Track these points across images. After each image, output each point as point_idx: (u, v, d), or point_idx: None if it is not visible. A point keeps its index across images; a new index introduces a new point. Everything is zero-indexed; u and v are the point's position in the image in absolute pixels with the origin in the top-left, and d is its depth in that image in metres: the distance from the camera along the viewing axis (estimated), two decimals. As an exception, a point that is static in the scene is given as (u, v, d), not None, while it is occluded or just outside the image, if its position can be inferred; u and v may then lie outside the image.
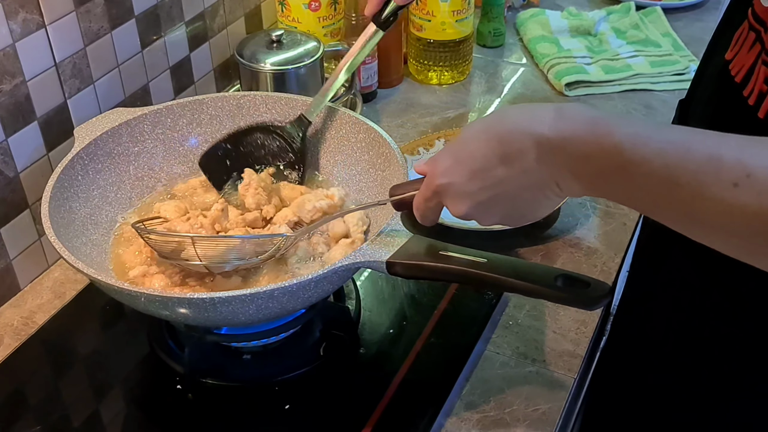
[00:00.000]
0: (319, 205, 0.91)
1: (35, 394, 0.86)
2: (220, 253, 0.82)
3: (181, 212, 0.92)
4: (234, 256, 0.82)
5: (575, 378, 0.88)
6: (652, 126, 0.60)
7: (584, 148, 0.61)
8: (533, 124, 0.63)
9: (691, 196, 0.57)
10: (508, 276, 0.71)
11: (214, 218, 0.87)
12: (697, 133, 0.58)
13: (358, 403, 0.83)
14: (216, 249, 0.82)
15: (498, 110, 0.67)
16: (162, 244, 0.83)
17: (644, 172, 0.58)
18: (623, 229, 1.08)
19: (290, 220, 0.90)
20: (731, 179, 0.55)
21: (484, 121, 0.67)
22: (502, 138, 0.64)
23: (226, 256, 0.82)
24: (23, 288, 0.99)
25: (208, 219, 0.87)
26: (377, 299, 0.95)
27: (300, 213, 0.91)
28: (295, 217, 0.91)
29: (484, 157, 0.65)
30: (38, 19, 0.92)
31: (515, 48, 1.52)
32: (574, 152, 0.61)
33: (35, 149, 0.96)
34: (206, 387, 0.85)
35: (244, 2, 1.30)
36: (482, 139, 0.65)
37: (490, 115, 0.67)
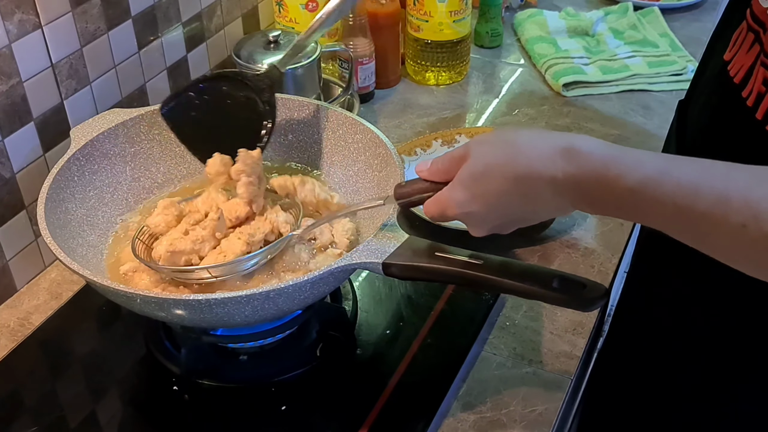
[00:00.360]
0: (318, 191, 0.90)
1: (32, 395, 0.86)
2: (232, 268, 0.82)
3: (171, 223, 0.88)
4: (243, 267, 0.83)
5: (572, 379, 0.88)
6: (662, 163, 0.63)
7: (596, 192, 0.65)
8: (546, 167, 0.66)
9: (701, 233, 0.61)
10: (505, 277, 0.71)
11: (213, 228, 0.85)
12: (706, 170, 0.61)
13: (354, 404, 0.83)
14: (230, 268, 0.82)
15: (508, 142, 0.69)
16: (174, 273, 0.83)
17: (656, 212, 0.62)
18: (620, 230, 1.08)
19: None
20: (739, 221, 0.58)
21: (496, 156, 0.69)
22: (518, 179, 0.67)
23: (237, 269, 0.82)
24: (19, 289, 0.99)
25: (207, 231, 0.85)
26: (374, 300, 0.95)
27: (301, 192, 0.90)
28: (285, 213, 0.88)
29: (500, 194, 0.68)
30: (34, 20, 0.92)
31: (513, 48, 1.52)
32: (587, 193, 0.65)
33: (31, 150, 0.96)
34: (203, 388, 0.85)
35: (241, 3, 1.30)
36: (497, 178, 0.68)
37: (501, 147, 0.69)
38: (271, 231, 0.86)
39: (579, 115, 1.32)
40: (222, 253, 0.83)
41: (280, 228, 0.86)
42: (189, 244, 0.83)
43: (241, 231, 0.85)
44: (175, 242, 0.84)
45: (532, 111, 1.33)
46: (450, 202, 0.71)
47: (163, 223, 0.88)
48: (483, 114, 1.33)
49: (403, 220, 1.03)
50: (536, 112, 1.33)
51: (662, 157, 0.66)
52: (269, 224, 0.86)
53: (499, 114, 1.32)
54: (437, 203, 0.72)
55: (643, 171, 0.62)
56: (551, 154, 0.66)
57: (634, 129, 1.27)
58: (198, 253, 0.84)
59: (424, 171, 0.74)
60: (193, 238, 0.84)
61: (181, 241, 0.84)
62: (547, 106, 1.34)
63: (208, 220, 0.86)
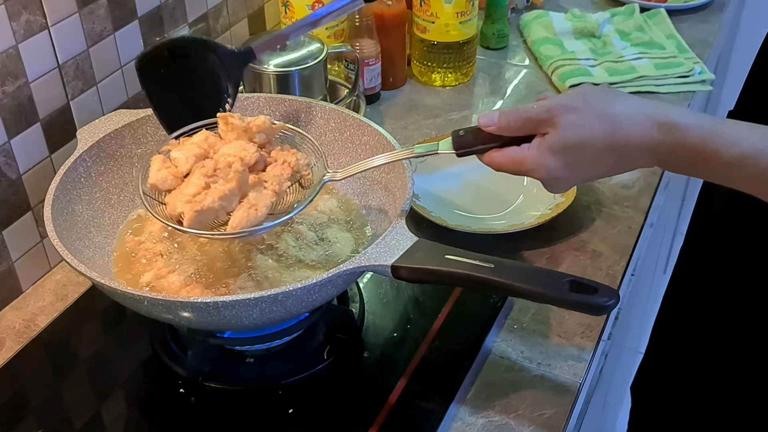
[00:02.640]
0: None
1: (37, 397, 0.86)
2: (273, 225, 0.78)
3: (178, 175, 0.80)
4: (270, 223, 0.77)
5: (581, 382, 0.87)
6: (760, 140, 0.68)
7: (690, 164, 0.71)
8: (643, 139, 0.70)
9: None
10: (515, 281, 0.70)
11: (238, 180, 0.77)
12: None
13: (362, 407, 0.82)
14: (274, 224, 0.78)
15: (602, 114, 0.72)
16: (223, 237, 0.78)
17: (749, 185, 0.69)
18: (628, 233, 1.07)
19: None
20: None
21: (592, 128, 0.72)
22: (614, 150, 0.71)
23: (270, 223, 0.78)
24: (25, 290, 0.99)
25: (233, 183, 0.76)
26: (381, 302, 0.94)
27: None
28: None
29: (595, 164, 0.73)
30: (41, 21, 0.91)
31: (519, 50, 1.52)
32: (681, 164, 0.71)
33: (38, 151, 0.96)
34: (209, 390, 0.84)
35: (247, 3, 1.29)
36: (593, 149, 0.72)
37: (595, 119, 0.72)
38: (292, 175, 0.81)
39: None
40: (252, 206, 0.76)
41: (301, 171, 0.81)
42: (217, 202, 0.75)
43: (265, 179, 0.80)
44: (198, 200, 0.76)
45: (539, 113, 1.32)
46: (538, 166, 0.73)
47: (170, 177, 0.79)
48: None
49: (410, 223, 1.03)
50: (543, 114, 1.32)
51: (759, 133, 0.69)
52: (289, 168, 0.81)
53: (506, 115, 1.32)
54: (514, 161, 0.74)
55: (740, 148, 0.67)
56: (648, 126, 0.70)
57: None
58: (226, 210, 0.77)
59: (491, 126, 0.75)
60: (219, 194, 0.76)
61: (207, 197, 0.76)
62: (553, 108, 1.34)
63: (232, 172, 0.77)
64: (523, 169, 0.75)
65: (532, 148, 0.74)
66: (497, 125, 0.75)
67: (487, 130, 0.75)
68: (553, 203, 1.07)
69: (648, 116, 0.71)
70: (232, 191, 0.76)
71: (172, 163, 0.81)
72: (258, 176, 0.80)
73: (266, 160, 0.82)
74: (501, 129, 0.75)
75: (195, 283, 0.84)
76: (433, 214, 1.05)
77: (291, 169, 0.81)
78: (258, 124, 0.81)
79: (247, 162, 0.78)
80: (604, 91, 0.75)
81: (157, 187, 0.79)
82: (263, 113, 0.99)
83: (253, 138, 0.82)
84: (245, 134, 0.82)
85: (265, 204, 0.77)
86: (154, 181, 0.79)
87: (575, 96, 0.75)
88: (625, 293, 1.15)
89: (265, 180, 0.79)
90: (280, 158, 0.82)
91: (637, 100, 0.74)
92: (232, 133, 0.82)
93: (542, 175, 0.74)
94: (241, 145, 0.80)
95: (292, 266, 0.86)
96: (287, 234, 0.90)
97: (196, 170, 0.79)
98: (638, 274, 1.31)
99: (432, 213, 1.06)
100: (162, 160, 0.81)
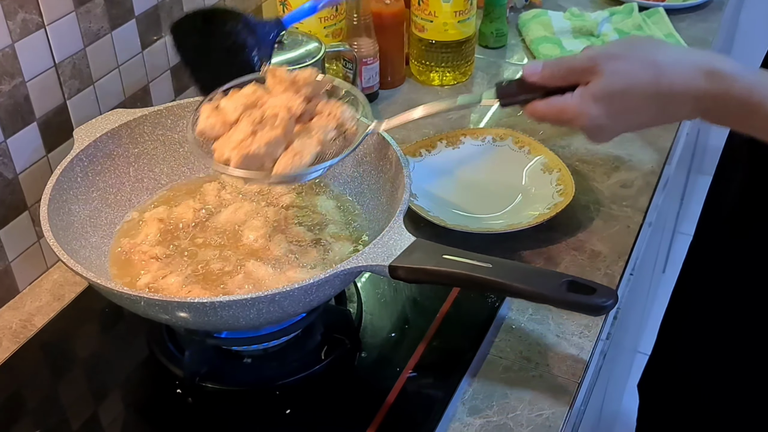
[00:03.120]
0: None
1: (34, 398, 0.86)
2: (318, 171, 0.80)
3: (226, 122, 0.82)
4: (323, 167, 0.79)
5: (579, 383, 0.87)
6: None
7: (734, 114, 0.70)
8: (688, 87, 0.70)
9: None
10: (513, 281, 0.70)
11: (284, 128, 0.79)
12: None
13: (359, 408, 0.82)
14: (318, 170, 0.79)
15: (648, 61, 0.71)
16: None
17: None
18: (627, 232, 1.07)
19: None
20: None
21: (637, 75, 0.71)
22: (659, 97, 0.70)
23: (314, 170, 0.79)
24: (22, 290, 0.98)
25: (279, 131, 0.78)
26: (379, 302, 0.94)
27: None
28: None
29: (638, 112, 0.72)
30: (37, 20, 0.91)
31: (517, 49, 1.51)
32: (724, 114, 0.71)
33: (34, 150, 0.95)
34: (206, 391, 0.84)
35: (245, 2, 1.29)
36: (638, 97, 0.71)
37: (640, 66, 0.71)
38: (337, 127, 0.82)
39: (584, 116, 1.31)
40: (297, 154, 0.78)
41: (345, 124, 0.83)
42: (263, 148, 0.77)
43: (311, 129, 0.81)
44: (245, 145, 0.78)
45: (537, 112, 1.32)
46: (580, 114, 0.73)
47: (217, 122, 0.81)
48: (487, 114, 1.32)
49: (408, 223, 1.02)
50: (541, 113, 1.32)
51: None
52: (334, 119, 0.82)
53: (504, 115, 1.31)
54: (557, 110, 0.74)
55: None
56: (694, 74, 0.69)
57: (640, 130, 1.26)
58: (271, 156, 0.78)
59: (534, 75, 0.75)
60: (265, 140, 0.77)
61: (253, 143, 0.78)
62: (552, 107, 1.33)
63: (279, 120, 0.79)
64: (565, 117, 0.74)
65: (574, 96, 0.73)
66: (541, 75, 0.75)
67: (530, 80, 0.75)
68: (551, 203, 1.07)
69: (694, 64, 0.70)
70: (278, 138, 0.78)
71: (220, 112, 0.82)
72: (304, 126, 0.81)
73: (312, 112, 0.83)
74: (544, 78, 0.75)
75: (193, 284, 0.84)
76: (431, 213, 1.05)
77: (336, 120, 0.82)
78: (305, 77, 0.83)
79: (293, 112, 0.80)
80: (650, 39, 0.76)
81: (206, 134, 0.81)
82: (261, 113, 0.99)
83: (299, 91, 0.83)
84: (292, 87, 0.83)
85: (309, 152, 0.78)
86: (203, 127, 0.81)
87: (620, 44, 0.75)
88: (624, 293, 1.14)
89: (310, 130, 0.81)
90: (326, 110, 0.83)
91: (683, 48, 0.74)
92: (279, 86, 0.83)
93: (585, 123, 0.73)
94: (288, 97, 0.82)
95: (289, 266, 0.86)
96: (285, 235, 0.90)
97: (243, 118, 0.81)
98: (637, 274, 1.30)
99: (430, 213, 1.05)
100: (211, 108, 0.83)
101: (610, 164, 1.19)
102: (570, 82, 0.73)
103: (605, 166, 1.19)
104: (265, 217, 0.92)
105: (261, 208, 0.93)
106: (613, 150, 1.22)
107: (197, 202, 0.95)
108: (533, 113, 0.76)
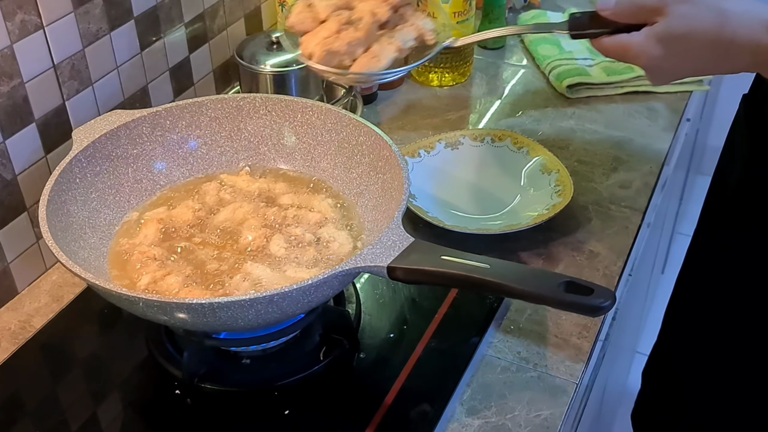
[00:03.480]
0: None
1: (32, 399, 0.86)
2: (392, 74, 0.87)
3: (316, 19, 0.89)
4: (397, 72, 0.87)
5: (577, 383, 0.87)
6: None
7: None
8: (750, 38, 0.71)
9: None
10: (511, 282, 0.70)
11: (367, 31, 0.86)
12: None
13: (358, 408, 0.82)
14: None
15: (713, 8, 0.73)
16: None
17: None
18: (625, 233, 1.07)
19: None
20: None
21: (701, 20, 0.73)
22: (720, 44, 0.72)
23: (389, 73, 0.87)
24: (21, 291, 0.98)
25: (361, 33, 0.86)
26: (377, 303, 0.94)
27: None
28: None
29: (698, 56, 0.74)
30: (36, 20, 0.91)
31: (516, 49, 1.51)
32: None
33: (33, 151, 0.95)
34: (205, 392, 0.84)
35: (244, 3, 1.29)
36: (699, 41, 0.73)
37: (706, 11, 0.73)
38: (417, 37, 0.88)
39: (583, 116, 1.31)
40: (375, 57, 0.85)
41: (425, 35, 0.89)
42: (344, 46, 0.85)
43: (392, 36, 0.87)
44: (328, 42, 0.85)
45: (536, 112, 1.32)
46: (641, 53, 0.75)
47: (307, 17, 0.88)
48: (486, 115, 1.32)
49: (407, 223, 1.02)
50: (540, 114, 1.32)
51: None
52: (416, 30, 0.88)
53: (503, 115, 1.32)
54: (621, 47, 0.77)
55: None
56: (757, 26, 0.70)
57: (638, 131, 1.27)
58: (351, 56, 0.86)
59: (607, 10, 0.78)
60: (347, 40, 0.85)
61: (336, 41, 0.85)
62: (550, 108, 1.34)
63: (363, 23, 0.86)
64: (628, 55, 0.77)
65: (639, 35, 0.76)
66: (613, 9, 0.78)
67: (603, 13, 0.78)
68: (550, 204, 1.07)
69: (759, 17, 0.71)
70: (359, 39, 0.86)
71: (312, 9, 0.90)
72: (388, 31, 0.88)
73: (398, 21, 0.89)
74: (616, 14, 0.78)
75: (192, 284, 0.84)
76: (429, 214, 1.05)
77: (418, 31, 0.89)
78: None
79: (378, 17, 0.87)
80: None
81: (295, 28, 0.89)
82: (259, 113, 0.99)
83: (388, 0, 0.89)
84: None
85: (386, 56, 0.86)
86: (293, 21, 0.89)
87: None
88: (623, 294, 1.15)
89: (392, 36, 0.87)
90: (411, 20, 0.89)
91: (753, 1, 0.74)
92: None
93: (644, 62, 0.76)
94: (377, 3, 0.88)
95: (288, 267, 0.86)
96: (284, 235, 0.90)
97: (332, 17, 0.88)
98: (636, 275, 1.30)
99: (428, 213, 1.05)
100: (304, 4, 0.90)
101: (609, 165, 1.19)
102: (639, 20, 0.76)
103: (604, 166, 1.19)
104: (263, 217, 0.92)
105: (260, 208, 0.94)
106: (611, 150, 1.22)
107: (196, 203, 0.95)
108: (600, 48, 0.79)
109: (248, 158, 1.01)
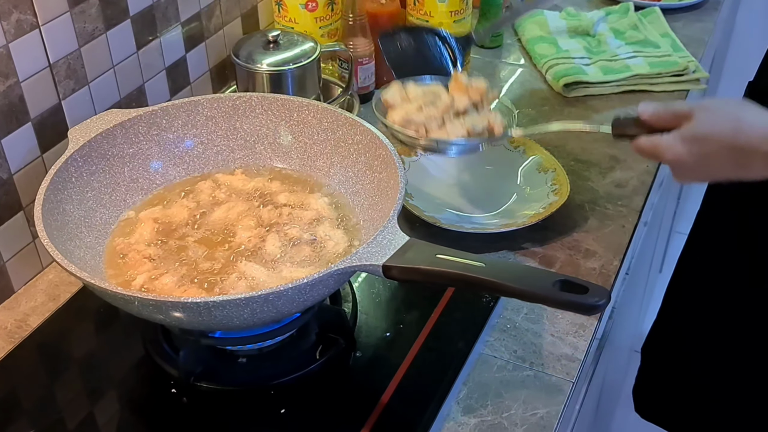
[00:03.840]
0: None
1: (29, 398, 0.86)
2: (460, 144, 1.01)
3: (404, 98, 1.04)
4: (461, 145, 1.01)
5: (573, 382, 0.87)
6: None
7: None
8: (764, 145, 0.78)
9: None
10: (506, 281, 0.70)
11: (444, 110, 1.02)
12: None
13: (354, 408, 0.82)
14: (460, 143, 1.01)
15: (732, 114, 0.82)
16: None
17: None
18: (622, 231, 1.07)
19: None
20: None
21: (720, 125, 0.81)
22: (735, 149, 0.79)
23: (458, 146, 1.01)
24: (17, 290, 0.98)
25: (438, 111, 1.01)
26: (374, 302, 0.94)
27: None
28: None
29: (716, 158, 0.81)
30: (32, 20, 0.91)
31: (513, 49, 1.51)
32: None
33: (29, 151, 0.95)
34: (201, 391, 0.84)
35: (240, 3, 1.29)
36: (717, 144, 0.81)
37: (725, 118, 0.82)
38: (487, 126, 1.01)
39: (580, 115, 1.31)
40: (446, 132, 1.00)
41: (495, 127, 1.01)
42: (422, 118, 1.00)
43: (465, 120, 1.01)
44: (410, 113, 1.01)
45: (533, 111, 1.33)
46: (668, 150, 0.84)
47: (398, 96, 1.05)
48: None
49: (403, 222, 1.02)
50: (537, 113, 1.32)
51: None
52: (486, 120, 1.01)
53: (500, 114, 1.31)
54: (654, 145, 0.85)
55: None
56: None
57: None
58: (426, 127, 1.00)
59: (646, 114, 0.87)
60: (426, 115, 1.01)
61: (417, 114, 1.01)
62: (547, 107, 1.34)
63: (441, 103, 1.02)
64: (658, 152, 0.85)
65: (668, 135, 0.84)
66: (651, 113, 0.87)
67: (643, 115, 0.87)
68: (546, 202, 1.07)
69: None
70: (434, 117, 1.01)
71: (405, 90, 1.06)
72: (462, 116, 1.02)
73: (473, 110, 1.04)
74: (653, 118, 0.87)
75: (188, 283, 0.84)
76: (425, 213, 1.05)
77: (487, 122, 1.02)
78: (477, 88, 1.05)
79: (456, 106, 1.03)
80: (744, 102, 0.85)
81: (387, 102, 1.05)
82: (255, 112, 0.99)
83: (469, 94, 1.04)
84: (466, 91, 1.04)
85: (455, 134, 1.00)
86: (387, 97, 1.05)
87: (717, 101, 0.87)
88: (619, 292, 1.15)
89: (465, 120, 1.01)
90: (485, 112, 1.04)
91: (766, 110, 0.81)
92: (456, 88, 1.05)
93: (670, 157, 0.84)
94: (459, 97, 1.03)
95: (283, 266, 0.86)
96: (279, 234, 0.90)
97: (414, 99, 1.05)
98: (632, 273, 1.31)
99: (425, 212, 1.05)
100: (399, 85, 1.07)
101: (606, 164, 1.19)
102: (671, 124, 0.85)
103: (600, 165, 1.19)
104: (258, 216, 0.92)
105: (255, 207, 0.94)
106: (608, 149, 1.22)
107: (191, 202, 0.95)
108: (636, 147, 0.88)
109: (244, 157, 1.01)
